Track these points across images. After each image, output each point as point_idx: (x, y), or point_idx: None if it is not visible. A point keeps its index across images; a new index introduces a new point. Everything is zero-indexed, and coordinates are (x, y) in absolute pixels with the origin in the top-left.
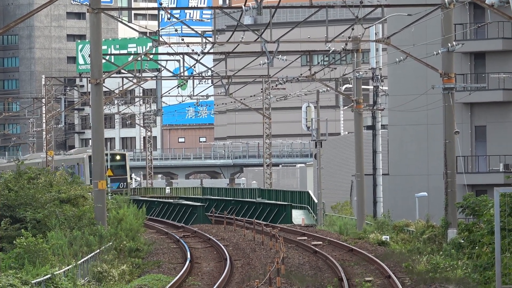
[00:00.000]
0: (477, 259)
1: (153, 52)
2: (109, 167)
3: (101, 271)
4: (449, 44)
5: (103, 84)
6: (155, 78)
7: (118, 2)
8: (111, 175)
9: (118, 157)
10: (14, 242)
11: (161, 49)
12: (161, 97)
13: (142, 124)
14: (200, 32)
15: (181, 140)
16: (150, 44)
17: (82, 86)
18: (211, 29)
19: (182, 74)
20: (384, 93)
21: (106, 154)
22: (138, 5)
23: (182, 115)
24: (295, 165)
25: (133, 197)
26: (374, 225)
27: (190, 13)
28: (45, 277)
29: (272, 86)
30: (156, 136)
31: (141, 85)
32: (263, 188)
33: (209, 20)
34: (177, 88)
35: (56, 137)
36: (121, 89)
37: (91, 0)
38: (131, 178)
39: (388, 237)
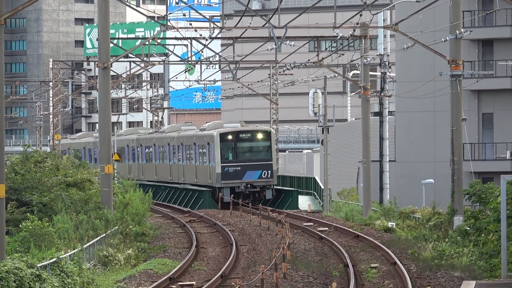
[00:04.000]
0: (483, 246)
1: (161, 36)
2: (237, 148)
3: (106, 255)
4: (457, 31)
5: (111, 68)
6: (162, 62)
7: None
8: (117, 159)
9: (260, 135)
10: (20, 225)
11: (169, 33)
12: (169, 82)
13: (149, 108)
14: (208, 17)
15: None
16: (158, 28)
17: (90, 70)
18: (219, 14)
19: (189, 58)
20: (391, 79)
21: (242, 132)
22: None
23: (189, 100)
24: (302, 151)
25: (140, 181)
26: (380, 211)
27: None
28: (50, 261)
29: (280, 72)
30: (163, 121)
31: (149, 70)
32: None
33: (217, 5)
34: (185, 72)
35: (63, 120)
36: (128, 73)
37: None
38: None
39: (394, 223)
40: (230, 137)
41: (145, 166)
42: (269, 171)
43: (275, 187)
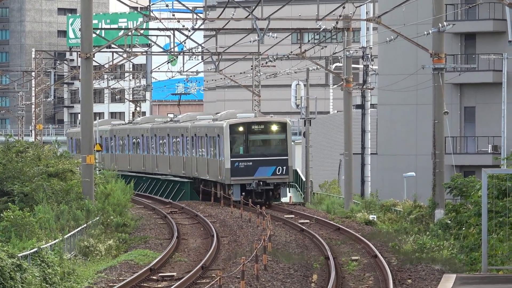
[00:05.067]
0: (464, 240)
1: (144, 27)
2: (249, 141)
3: (87, 245)
4: (440, 25)
5: (93, 58)
6: (145, 53)
7: None
8: (99, 149)
9: (274, 127)
10: (1, 215)
11: (152, 24)
12: (151, 73)
13: (131, 99)
14: (191, 8)
15: (170, 116)
16: (140, 19)
17: (72, 60)
18: (202, 5)
19: (172, 49)
20: (374, 72)
21: (254, 123)
22: None
23: (171, 91)
24: None
25: (121, 172)
26: (362, 204)
27: None
28: (31, 251)
29: (262, 64)
30: (145, 112)
31: (131, 60)
32: None
33: None
34: (167, 63)
35: (45, 110)
36: (111, 63)
37: None
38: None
39: (375, 216)
40: (241, 128)
41: (159, 159)
42: (285, 167)
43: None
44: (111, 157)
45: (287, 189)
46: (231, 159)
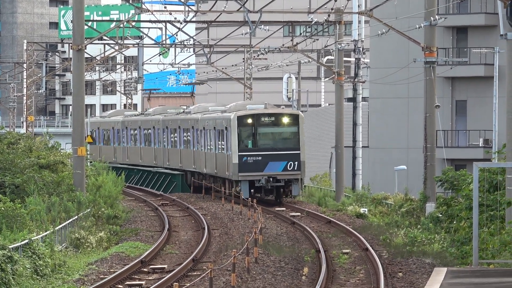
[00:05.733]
0: (455, 233)
1: (136, 19)
2: (258, 133)
3: (78, 237)
4: (431, 18)
5: (85, 50)
6: (137, 45)
7: None
8: (90, 141)
9: (286, 119)
10: None
11: (144, 16)
12: (143, 65)
13: (123, 91)
14: (183, 0)
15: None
16: (132, 11)
17: (64, 52)
18: None
19: (164, 42)
20: (365, 65)
21: (264, 115)
22: None
23: (163, 83)
24: None
25: (112, 164)
26: (353, 197)
27: None
28: (22, 242)
29: (254, 56)
30: (136, 104)
31: (123, 52)
32: None
33: None
34: (159, 56)
35: (36, 102)
36: (102, 55)
37: None
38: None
39: (366, 209)
40: (250, 120)
41: (171, 152)
42: (296, 162)
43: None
44: (123, 150)
45: (300, 186)
46: (239, 153)
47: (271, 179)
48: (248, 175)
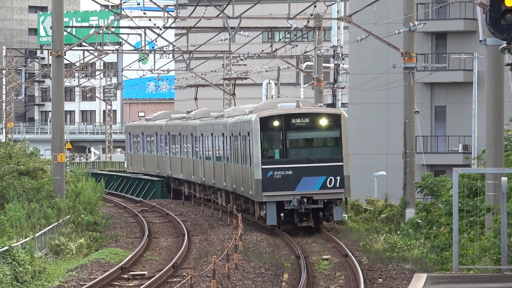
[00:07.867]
0: (435, 239)
1: (115, 25)
2: (287, 140)
3: (58, 244)
4: (410, 24)
5: (64, 56)
6: (116, 51)
7: None
8: (69, 147)
9: (324, 121)
10: None
11: (123, 22)
12: (122, 71)
13: (102, 98)
14: (162, 6)
15: (141, 114)
16: (112, 17)
17: (43, 58)
18: (173, 4)
19: (143, 48)
20: (345, 71)
21: (295, 115)
22: None
23: (142, 89)
24: None
25: (92, 170)
26: None
27: None
28: (2, 249)
29: (233, 62)
30: (116, 110)
31: (102, 59)
32: None
33: None
34: (138, 62)
35: (16, 108)
36: (82, 62)
37: None
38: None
39: (346, 215)
40: (276, 123)
41: (173, 160)
42: (339, 178)
43: None
44: (139, 158)
45: (344, 208)
46: (263, 167)
47: (305, 200)
48: (274, 195)
